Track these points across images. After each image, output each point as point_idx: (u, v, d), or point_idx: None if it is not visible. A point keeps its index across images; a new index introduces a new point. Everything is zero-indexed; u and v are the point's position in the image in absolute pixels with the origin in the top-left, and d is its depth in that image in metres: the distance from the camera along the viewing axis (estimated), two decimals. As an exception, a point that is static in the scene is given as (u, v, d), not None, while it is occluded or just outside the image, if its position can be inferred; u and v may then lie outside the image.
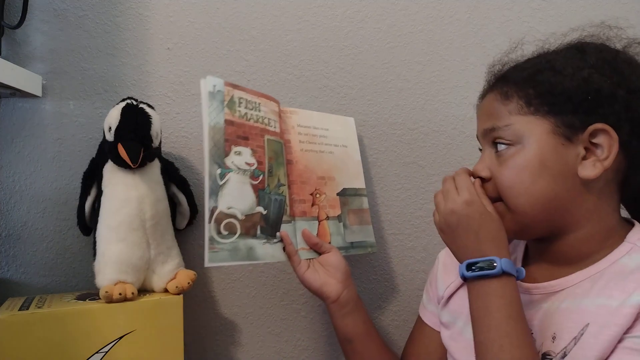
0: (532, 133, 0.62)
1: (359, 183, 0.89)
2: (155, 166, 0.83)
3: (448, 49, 1.00)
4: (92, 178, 0.83)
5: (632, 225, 0.64)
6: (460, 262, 0.63)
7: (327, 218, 0.84)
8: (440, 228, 0.65)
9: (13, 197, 0.88)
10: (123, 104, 0.80)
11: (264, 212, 0.74)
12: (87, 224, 0.84)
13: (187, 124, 0.93)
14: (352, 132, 0.91)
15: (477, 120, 0.71)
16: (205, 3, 0.93)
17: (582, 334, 0.57)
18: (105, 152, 0.80)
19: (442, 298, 0.78)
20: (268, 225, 0.75)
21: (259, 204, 0.74)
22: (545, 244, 0.66)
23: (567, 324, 0.59)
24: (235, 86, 0.75)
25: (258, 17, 0.95)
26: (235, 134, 0.73)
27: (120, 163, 0.78)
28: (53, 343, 0.72)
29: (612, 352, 0.55)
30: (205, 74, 0.92)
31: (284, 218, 0.77)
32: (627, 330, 0.54)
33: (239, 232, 0.71)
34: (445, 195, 0.65)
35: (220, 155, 0.71)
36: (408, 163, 1.00)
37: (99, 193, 0.81)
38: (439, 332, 0.78)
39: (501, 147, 0.64)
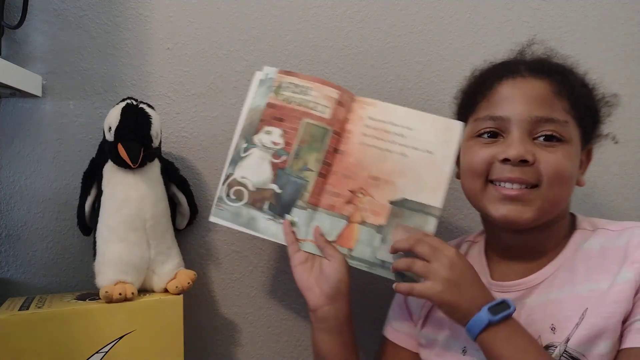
0: (575, 136, 0.68)
1: (432, 200, 0.73)
2: (155, 166, 0.84)
3: (448, 49, 1.00)
4: (92, 178, 0.83)
5: (572, 215, 0.73)
6: (471, 312, 0.61)
7: (363, 223, 0.74)
8: (444, 288, 0.61)
9: (13, 197, 0.88)
10: (123, 104, 0.80)
11: (278, 191, 0.77)
12: (87, 224, 0.84)
13: (187, 124, 0.93)
14: (452, 138, 0.75)
15: (505, 100, 0.68)
16: (205, 3, 0.93)
17: (583, 318, 0.61)
18: (105, 152, 0.80)
19: (419, 318, 0.77)
20: (279, 204, 0.77)
21: (274, 182, 0.77)
22: (521, 238, 0.70)
23: (565, 313, 0.62)
24: (289, 73, 0.81)
25: (258, 17, 0.95)
26: (272, 115, 0.79)
27: (120, 163, 0.78)
28: (53, 343, 0.72)
29: (622, 336, 0.59)
30: (205, 74, 0.93)
31: (299, 203, 0.76)
32: (632, 313, 0.59)
33: (245, 201, 0.77)
34: (434, 256, 0.63)
35: (251, 132, 0.78)
36: (408, 163, 1.00)
37: (99, 193, 0.81)
38: (416, 354, 0.77)
39: (548, 139, 0.66)
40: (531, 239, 0.69)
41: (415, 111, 0.78)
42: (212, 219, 0.78)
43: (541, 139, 0.65)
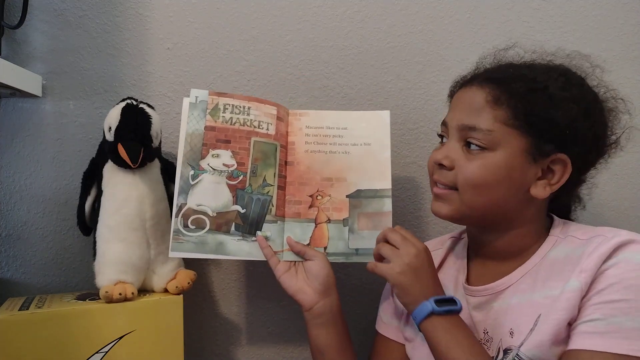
0: (508, 145, 0.66)
1: (382, 184, 0.83)
2: (155, 166, 0.84)
3: (448, 49, 1.00)
4: (92, 178, 0.83)
5: (551, 218, 0.72)
6: (419, 299, 0.66)
7: (329, 221, 0.81)
8: (403, 270, 0.67)
9: (13, 197, 0.88)
10: (123, 104, 0.80)
11: (242, 211, 0.79)
12: (87, 224, 0.84)
13: (187, 124, 0.93)
14: (382, 127, 0.85)
15: (452, 108, 0.73)
16: (205, 3, 0.93)
17: (537, 324, 0.62)
18: (105, 152, 0.80)
19: (402, 314, 0.80)
20: (246, 223, 0.79)
21: (236, 203, 0.79)
22: (486, 239, 0.72)
23: (523, 318, 0.64)
24: (221, 94, 0.81)
25: (258, 17, 0.95)
26: (215, 138, 0.79)
27: (120, 163, 0.78)
28: (53, 343, 0.72)
29: (569, 339, 0.60)
30: (205, 74, 0.93)
31: (268, 217, 0.80)
32: (577, 317, 0.60)
33: (207, 227, 0.77)
34: (402, 244, 0.69)
35: (195, 158, 0.78)
36: (408, 163, 1.00)
37: (99, 193, 0.81)
38: (403, 345, 0.80)
39: (473, 147, 0.67)
40: (493, 240, 0.71)
41: (343, 112, 0.87)
42: (172, 254, 0.75)
43: (470, 145, 0.67)
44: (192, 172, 0.77)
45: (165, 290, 0.81)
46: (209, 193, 0.77)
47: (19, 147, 0.88)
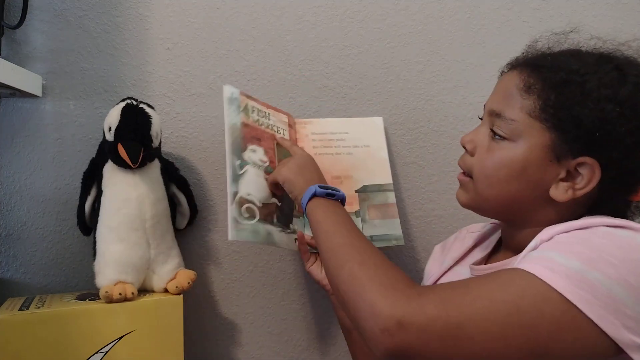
0: (529, 138, 0.61)
1: (384, 179, 0.91)
2: (155, 166, 0.83)
3: (448, 49, 1.00)
4: (92, 178, 0.83)
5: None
6: (304, 187, 0.73)
7: None
8: (288, 168, 0.77)
9: (13, 197, 0.88)
10: (123, 104, 0.80)
11: (279, 204, 0.83)
12: (87, 224, 0.84)
13: (187, 124, 0.93)
14: (378, 131, 0.95)
15: (493, 91, 0.68)
16: (205, 3, 0.93)
17: None
18: (105, 152, 0.80)
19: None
20: (283, 215, 0.83)
21: (273, 196, 0.82)
22: (511, 232, 0.69)
23: None
24: (249, 96, 0.85)
25: (258, 17, 0.95)
26: (250, 134, 0.82)
27: (120, 163, 0.78)
28: (53, 343, 0.72)
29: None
30: (205, 74, 0.93)
31: (295, 212, 0.85)
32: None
33: (257, 217, 0.79)
34: (290, 152, 0.82)
35: (238, 150, 0.80)
36: (408, 163, 1.00)
37: (99, 193, 0.81)
38: None
39: (496, 136, 0.63)
40: (511, 233, 0.68)
41: (343, 119, 0.95)
42: (234, 238, 0.76)
43: (495, 132, 0.64)
44: (238, 162, 0.79)
45: (165, 290, 0.81)
46: (253, 184, 0.80)
47: (19, 147, 0.88)
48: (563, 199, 0.60)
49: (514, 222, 0.67)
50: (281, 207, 0.83)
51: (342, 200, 0.73)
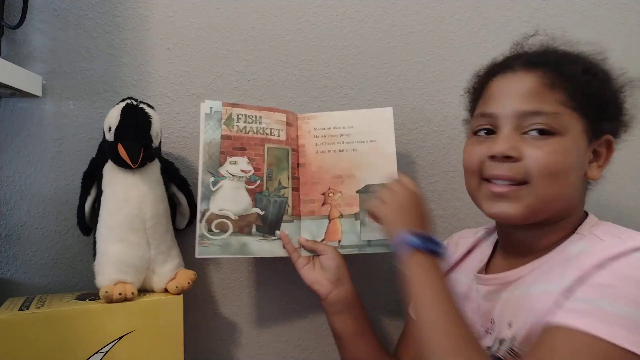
0: (572, 127, 0.64)
1: (388, 178, 0.83)
2: (155, 166, 0.84)
3: (448, 49, 1.00)
4: (92, 178, 0.83)
5: (587, 215, 0.69)
6: (401, 232, 0.67)
7: (341, 216, 0.86)
8: (391, 206, 0.71)
9: (13, 197, 0.88)
10: (123, 104, 0.80)
11: (262, 213, 0.84)
12: (87, 224, 0.84)
13: (187, 124, 0.93)
14: (386, 124, 0.88)
15: (494, 97, 0.68)
16: (205, 3, 0.93)
17: (529, 318, 0.60)
18: (105, 152, 0.80)
19: None
20: (266, 224, 0.84)
21: (255, 206, 0.83)
22: (520, 233, 0.69)
23: (520, 311, 0.63)
24: (234, 105, 0.85)
25: (258, 17, 0.95)
26: (232, 146, 0.84)
27: (120, 163, 0.78)
28: (53, 343, 0.72)
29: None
30: (205, 74, 0.93)
31: (285, 218, 0.85)
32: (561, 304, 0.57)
33: (231, 230, 0.81)
34: (397, 184, 0.73)
35: (214, 165, 0.82)
36: (408, 163, 1.00)
37: (99, 193, 0.81)
38: None
39: (534, 133, 0.63)
40: (530, 234, 0.68)
41: (348, 111, 0.90)
42: (198, 255, 0.80)
43: (532, 133, 0.64)
44: (212, 179, 0.81)
45: (165, 290, 0.81)
46: (229, 198, 0.82)
47: (19, 147, 0.88)
48: (598, 177, 0.67)
49: (556, 217, 0.66)
50: (264, 216, 0.84)
51: (442, 255, 0.67)
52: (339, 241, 0.86)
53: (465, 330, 0.59)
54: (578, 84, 0.64)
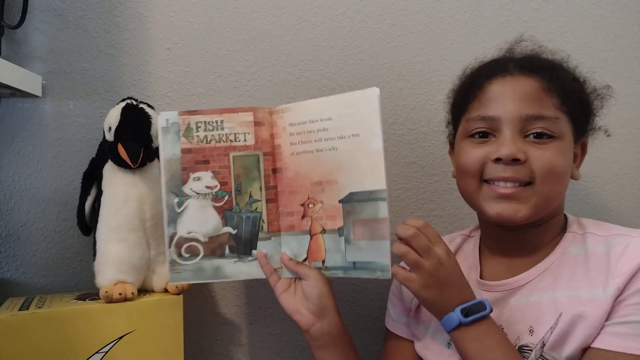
0: (565, 131, 0.67)
1: (375, 183, 0.69)
2: (155, 166, 0.83)
3: (448, 49, 1.00)
4: (92, 178, 0.83)
5: (565, 216, 0.73)
6: (446, 310, 0.62)
7: (324, 231, 0.73)
8: (427, 284, 0.62)
9: (13, 197, 0.88)
10: (123, 104, 0.80)
11: (234, 232, 0.75)
12: (87, 224, 0.84)
13: (187, 124, 0.93)
14: (371, 110, 0.69)
15: (495, 100, 0.68)
16: (205, 3, 0.93)
17: (557, 324, 0.61)
18: (105, 152, 0.80)
19: (410, 310, 0.79)
20: (240, 244, 0.75)
21: (226, 225, 0.75)
22: (515, 234, 0.70)
23: (544, 317, 0.63)
24: (191, 112, 0.75)
25: (258, 17, 0.95)
26: (194, 160, 0.75)
27: (120, 163, 0.78)
28: (53, 343, 0.72)
29: (595, 338, 0.59)
30: (205, 74, 0.93)
31: (261, 235, 0.76)
32: (608, 318, 0.59)
33: (202, 254, 0.75)
34: (427, 251, 0.62)
35: (177, 184, 0.75)
36: (408, 163, 1.00)
37: (99, 193, 0.81)
38: (412, 342, 0.79)
39: (539, 137, 0.66)
40: (524, 235, 0.70)
41: (325, 98, 0.74)
42: (172, 282, 0.76)
43: (532, 136, 0.66)
44: (176, 200, 0.74)
45: (165, 290, 0.81)
46: (197, 219, 0.74)
47: (19, 147, 0.88)
48: (579, 177, 0.71)
49: (548, 218, 0.69)
50: (236, 235, 0.75)
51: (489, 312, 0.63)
52: (323, 261, 0.73)
53: None
54: (570, 90, 0.68)
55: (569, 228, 0.70)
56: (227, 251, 0.75)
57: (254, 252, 0.75)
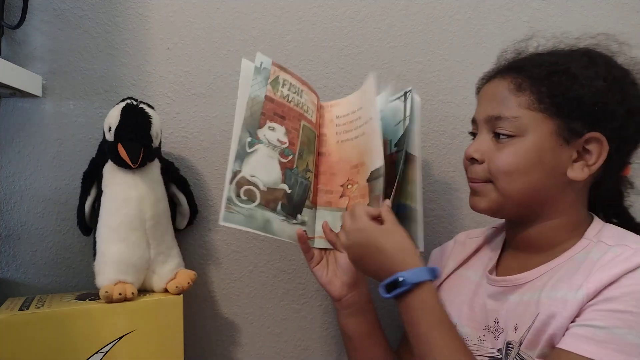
0: (536, 129, 0.66)
1: (377, 162, 0.74)
2: (155, 166, 0.83)
3: (448, 49, 1.00)
4: (92, 178, 0.83)
5: (592, 219, 0.70)
6: (380, 278, 0.67)
7: None
8: (348, 245, 0.70)
9: (13, 197, 0.88)
10: (123, 104, 0.80)
11: (289, 191, 0.77)
12: (87, 224, 0.84)
13: (187, 124, 0.93)
14: (370, 93, 0.77)
15: (478, 103, 0.74)
16: (205, 3, 0.93)
17: (534, 323, 0.63)
18: (105, 152, 0.80)
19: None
20: (290, 204, 0.77)
21: (284, 181, 0.76)
22: (520, 230, 0.71)
23: (526, 316, 0.64)
24: (282, 68, 0.78)
25: (258, 17, 0.95)
26: (273, 110, 0.76)
27: (120, 163, 0.78)
28: (53, 343, 0.72)
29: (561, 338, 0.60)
30: (205, 74, 0.93)
31: (306, 203, 0.79)
32: (574, 320, 0.59)
33: (258, 201, 0.73)
34: (351, 215, 0.70)
35: (254, 125, 0.74)
36: (408, 163, 1.00)
37: (99, 193, 0.81)
38: None
39: (502, 136, 0.68)
40: (525, 232, 0.71)
41: (358, 91, 0.81)
42: (223, 222, 0.71)
43: (498, 136, 0.68)
44: (249, 139, 0.73)
45: (165, 290, 0.81)
46: (262, 166, 0.74)
47: (19, 147, 0.88)
48: (581, 177, 0.65)
49: (535, 216, 0.69)
50: (290, 194, 0.76)
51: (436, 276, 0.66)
52: None
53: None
54: (545, 85, 0.66)
55: (586, 234, 0.67)
56: (279, 207, 0.76)
57: (298, 216, 0.78)
